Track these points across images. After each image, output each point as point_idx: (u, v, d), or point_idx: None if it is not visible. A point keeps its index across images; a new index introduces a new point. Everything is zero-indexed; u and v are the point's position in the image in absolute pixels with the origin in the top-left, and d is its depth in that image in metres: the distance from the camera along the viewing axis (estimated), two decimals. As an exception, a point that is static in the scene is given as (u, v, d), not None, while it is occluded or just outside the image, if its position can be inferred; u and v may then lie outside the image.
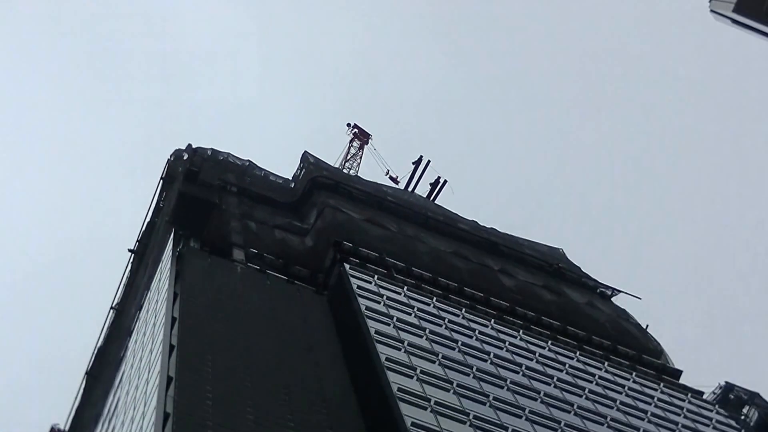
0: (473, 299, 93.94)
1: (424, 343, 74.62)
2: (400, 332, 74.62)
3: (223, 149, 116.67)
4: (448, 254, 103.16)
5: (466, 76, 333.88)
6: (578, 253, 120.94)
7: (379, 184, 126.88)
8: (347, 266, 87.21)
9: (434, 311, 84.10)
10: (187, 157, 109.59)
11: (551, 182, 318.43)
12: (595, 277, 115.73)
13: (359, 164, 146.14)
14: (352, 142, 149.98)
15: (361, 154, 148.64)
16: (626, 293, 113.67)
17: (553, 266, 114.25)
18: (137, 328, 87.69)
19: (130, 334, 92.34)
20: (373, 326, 73.66)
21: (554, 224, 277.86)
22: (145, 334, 79.21)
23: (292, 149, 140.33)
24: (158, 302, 78.10)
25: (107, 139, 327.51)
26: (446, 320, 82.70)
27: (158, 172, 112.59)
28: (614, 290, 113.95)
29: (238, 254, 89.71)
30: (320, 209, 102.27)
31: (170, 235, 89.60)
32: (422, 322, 79.55)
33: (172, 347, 65.24)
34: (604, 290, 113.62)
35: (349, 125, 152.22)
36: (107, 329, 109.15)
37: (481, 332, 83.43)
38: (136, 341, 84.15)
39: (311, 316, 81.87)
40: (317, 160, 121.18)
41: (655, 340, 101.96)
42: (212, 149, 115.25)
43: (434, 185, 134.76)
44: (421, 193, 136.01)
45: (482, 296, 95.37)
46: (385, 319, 76.42)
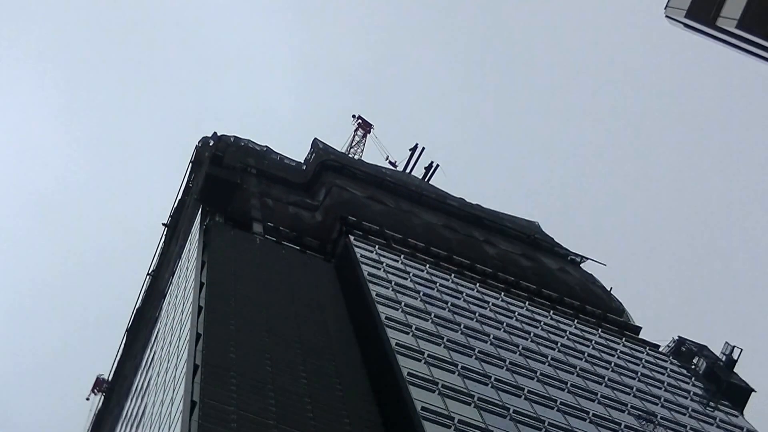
0: (461, 266, 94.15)
1: (418, 304, 74.81)
2: (398, 294, 74.80)
3: (244, 137, 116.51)
4: (439, 227, 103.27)
5: (455, 74, 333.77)
6: (551, 225, 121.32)
7: (379, 167, 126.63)
8: (352, 238, 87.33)
9: (427, 276, 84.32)
10: (212, 143, 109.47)
11: (529, 165, 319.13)
12: (566, 246, 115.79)
13: (362, 150, 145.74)
14: (356, 131, 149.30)
15: (364, 141, 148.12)
16: (593, 260, 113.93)
17: (529, 237, 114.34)
18: (170, 291, 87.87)
19: (164, 296, 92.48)
20: (374, 289, 73.81)
21: (531, 201, 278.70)
22: (177, 296, 79.43)
23: (304, 136, 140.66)
24: (188, 269, 78.27)
25: (146, 128, 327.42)
26: (438, 284, 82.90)
27: (188, 156, 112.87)
28: (582, 257, 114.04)
29: (257, 227, 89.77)
30: (328, 188, 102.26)
31: (198, 211, 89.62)
32: (417, 285, 79.73)
33: (200, 308, 65.47)
34: (573, 257, 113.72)
35: (354, 116, 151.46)
36: (144, 293, 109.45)
37: (467, 294, 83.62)
38: (169, 303, 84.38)
39: (321, 281, 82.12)
40: (326, 146, 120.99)
41: (617, 300, 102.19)
42: (234, 136, 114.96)
43: (428, 168, 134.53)
44: (416, 175, 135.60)
45: (468, 263, 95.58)
46: (384, 283, 76.60)
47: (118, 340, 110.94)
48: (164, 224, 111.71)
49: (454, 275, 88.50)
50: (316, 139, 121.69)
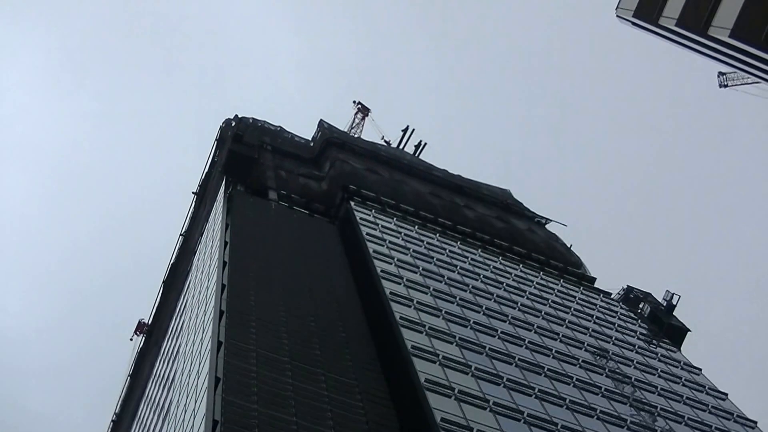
0: (444, 227, 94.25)
1: (409, 259, 75.02)
2: (391, 251, 75.01)
3: (260, 118, 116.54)
4: (426, 194, 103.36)
5: (441, 66, 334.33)
6: (521, 192, 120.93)
7: (376, 143, 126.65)
8: (352, 203, 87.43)
9: (416, 235, 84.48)
10: (234, 124, 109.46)
11: (503, 142, 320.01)
12: (533, 210, 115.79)
13: (362, 130, 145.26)
14: (356, 114, 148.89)
15: (363, 123, 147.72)
16: (556, 221, 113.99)
17: (502, 202, 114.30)
18: (199, 249, 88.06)
19: (194, 253, 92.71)
20: (371, 246, 74.01)
21: (504, 172, 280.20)
22: (204, 253, 79.63)
23: (311, 118, 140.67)
24: (214, 231, 78.45)
25: (180, 113, 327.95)
26: (425, 242, 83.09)
27: (213, 135, 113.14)
28: (547, 219, 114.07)
29: (272, 195, 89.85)
30: (332, 162, 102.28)
31: (222, 181, 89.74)
32: (407, 243, 79.89)
33: (224, 263, 65.68)
34: (539, 219, 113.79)
35: (354, 102, 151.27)
36: (177, 250, 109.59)
37: (450, 251, 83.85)
38: (198, 258, 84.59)
39: (326, 240, 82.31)
40: (330, 126, 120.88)
41: (576, 255, 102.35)
42: (253, 118, 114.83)
43: (417, 146, 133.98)
44: (407, 151, 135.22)
45: (451, 224, 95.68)
46: (380, 241, 76.76)
47: (156, 289, 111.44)
48: (194, 192, 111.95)
49: (438, 235, 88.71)
50: (322, 120, 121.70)
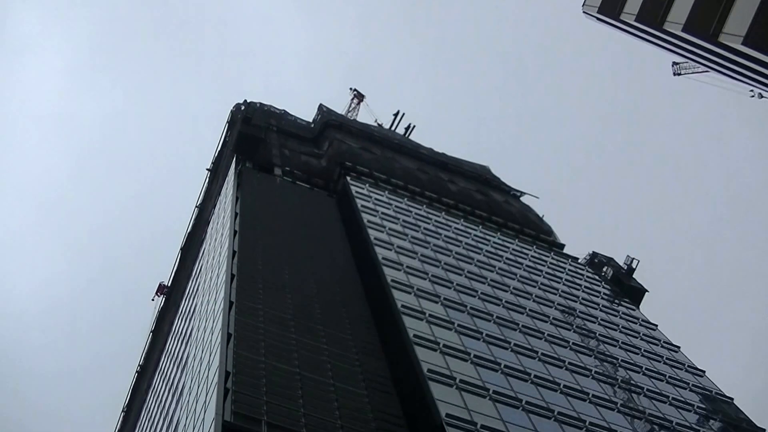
0: (430, 199, 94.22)
1: (399, 228, 75.05)
2: (383, 221, 75.03)
3: (267, 103, 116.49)
4: (414, 170, 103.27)
5: (428, 58, 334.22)
6: (499, 168, 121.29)
7: (369, 125, 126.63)
8: (348, 178, 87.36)
9: (406, 207, 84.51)
10: (243, 108, 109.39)
11: (483, 124, 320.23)
12: (509, 184, 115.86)
13: (357, 114, 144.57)
14: (352, 99, 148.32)
15: (358, 107, 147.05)
16: (529, 194, 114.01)
17: (482, 177, 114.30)
18: (212, 220, 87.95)
19: (208, 223, 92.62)
20: (366, 217, 74.06)
21: (484, 150, 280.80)
22: (217, 223, 79.55)
23: (312, 103, 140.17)
24: (225, 203, 78.33)
25: (197, 99, 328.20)
26: (413, 213, 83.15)
27: (225, 118, 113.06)
28: (522, 192, 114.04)
29: (277, 171, 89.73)
30: (331, 141, 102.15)
31: (233, 159, 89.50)
32: (398, 214, 79.95)
33: (235, 232, 65.60)
34: (515, 193, 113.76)
35: (351, 89, 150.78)
36: (193, 221, 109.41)
37: (436, 220, 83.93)
38: (212, 228, 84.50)
39: (325, 211, 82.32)
40: (329, 110, 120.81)
41: (548, 224, 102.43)
42: (260, 103, 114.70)
43: (407, 128, 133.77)
44: (398, 132, 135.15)
45: (436, 197, 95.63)
46: (373, 212, 76.77)
47: (174, 255, 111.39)
48: (208, 169, 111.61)
49: (425, 206, 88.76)
50: (321, 104, 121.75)
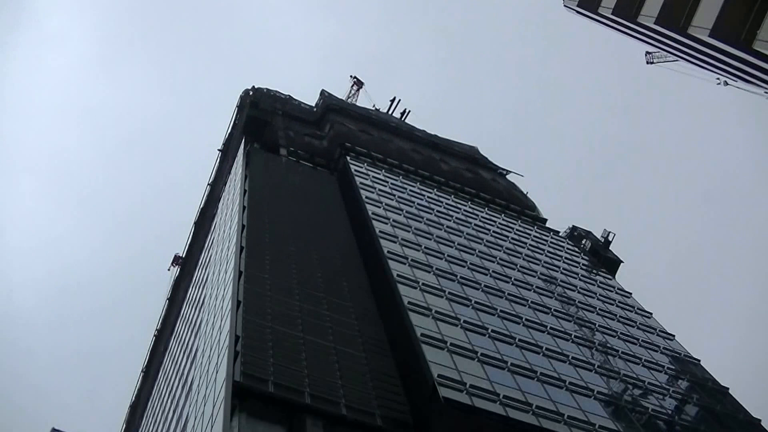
0: (423, 177, 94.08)
1: (395, 204, 75.01)
2: (380, 197, 75.03)
3: (273, 88, 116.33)
4: (408, 150, 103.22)
5: (422, 49, 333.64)
6: (487, 149, 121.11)
7: (368, 109, 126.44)
8: (348, 158, 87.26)
9: (401, 184, 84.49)
10: (251, 93, 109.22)
11: (472, 108, 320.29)
12: (496, 163, 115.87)
13: (357, 100, 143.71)
14: (352, 86, 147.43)
15: (358, 94, 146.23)
16: (515, 173, 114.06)
17: (471, 157, 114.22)
18: (223, 197, 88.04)
19: (219, 199, 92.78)
20: (364, 194, 74.03)
21: (473, 132, 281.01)
22: (227, 200, 79.66)
23: (315, 89, 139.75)
24: (235, 181, 78.41)
25: (210, 85, 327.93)
26: (408, 189, 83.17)
27: (234, 103, 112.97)
28: (508, 171, 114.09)
29: (283, 152, 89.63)
30: (332, 124, 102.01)
31: (242, 140, 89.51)
32: (394, 191, 79.97)
33: (244, 208, 65.72)
34: (502, 171, 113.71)
35: (351, 76, 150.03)
36: (206, 197, 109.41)
37: (428, 197, 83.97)
38: (222, 204, 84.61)
39: (327, 188, 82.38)
40: (330, 95, 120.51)
41: (531, 200, 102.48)
42: (267, 88, 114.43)
43: (402, 113, 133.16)
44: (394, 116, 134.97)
45: (428, 175, 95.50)
46: (371, 189, 76.74)
47: (188, 229, 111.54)
48: (219, 150, 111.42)
49: (419, 183, 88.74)
50: (323, 90, 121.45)
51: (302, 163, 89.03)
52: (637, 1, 32.71)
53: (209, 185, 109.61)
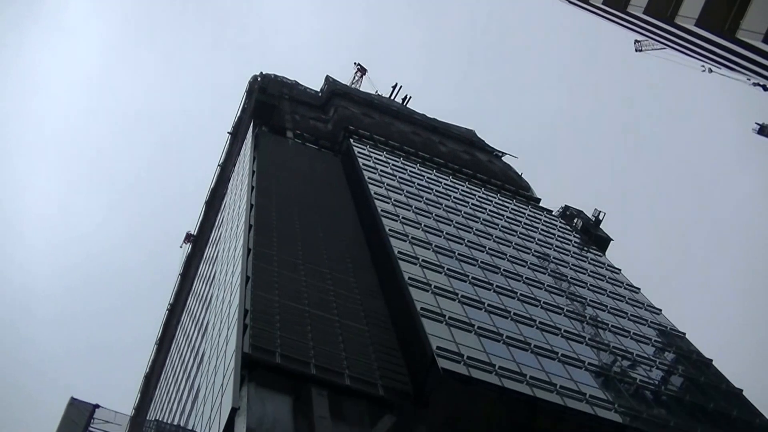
0: (423, 158, 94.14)
1: (395, 184, 75.10)
2: (382, 177, 75.14)
3: (280, 74, 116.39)
4: (409, 133, 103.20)
5: (423, 37, 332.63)
6: (483, 132, 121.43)
7: (370, 94, 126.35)
8: (352, 140, 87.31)
9: (402, 166, 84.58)
10: (260, 79, 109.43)
11: (469, 93, 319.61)
12: (492, 145, 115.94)
13: (360, 85, 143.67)
14: (356, 72, 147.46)
15: (361, 80, 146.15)
16: (510, 155, 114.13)
17: (468, 139, 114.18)
18: (232, 177, 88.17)
19: (229, 180, 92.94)
20: (366, 174, 74.11)
21: (470, 116, 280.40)
22: (236, 180, 79.82)
23: (321, 75, 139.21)
24: (244, 162, 78.51)
25: (221, 72, 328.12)
26: (408, 170, 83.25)
27: (243, 88, 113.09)
28: (503, 153, 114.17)
29: (289, 134, 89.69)
30: (336, 108, 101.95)
31: (251, 124, 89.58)
32: (395, 171, 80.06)
33: (252, 187, 65.80)
34: (497, 153, 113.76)
35: (355, 63, 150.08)
36: (216, 178, 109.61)
37: (428, 177, 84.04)
38: (232, 184, 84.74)
39: (331, 168, 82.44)
40: (335, 81, 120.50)
41: (526, 181, 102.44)
42: (274, 74, 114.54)
43: (403, 99, 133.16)
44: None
45: (428, 156, 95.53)
46: (373, 170, 76.82)
47: (200, 207, 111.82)
48: (229, 132, 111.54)
49: (418, 165, 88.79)
50: (328, 76, 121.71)
51: (308, 145, 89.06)
52: (627, -8, 32.79)
53: (219, 166, 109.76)
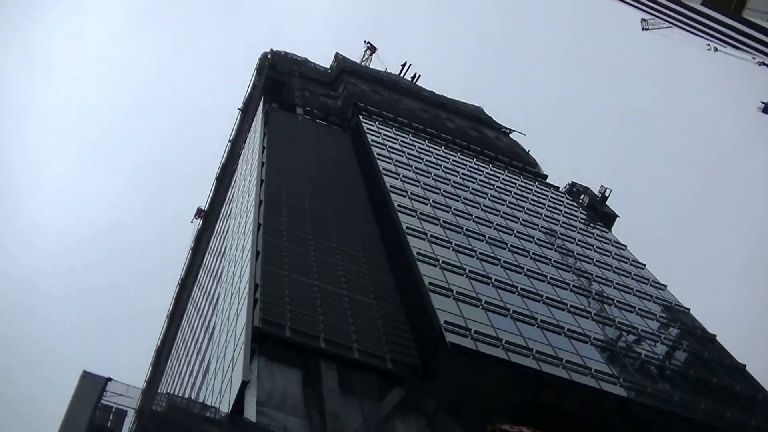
0: (431, 135, 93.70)
1: (404, 160, 74.88)
2: (391, 154, 74.94)
3: (290, 51, 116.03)
4: (417, 110, 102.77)
5: (431, 17, 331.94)
6: (491, 108, 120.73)
7: (379, 71, 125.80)
8: (361, 117, 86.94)
9: (410, 142, 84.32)
10: (270, 56, 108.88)
11: (478, 70, 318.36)
12: (500, 122, 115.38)
13: (369, 64, 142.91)
14: (366, 50, 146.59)
15: (371, 58, 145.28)
16: (517, 131, 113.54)
17: (476, 116, 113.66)
18: (243, 153, 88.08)
19: (239, 156, 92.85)
20: (375, 150, 73.91)
21: (478, 92, 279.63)
22: (247, 156, 79.75)
23: (331, 52, 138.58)
24: (254, 138, 78.41)
25: (233, 49, 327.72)
26: (417, 147, 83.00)
27: (254, 65, 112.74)
28: (511, 130, 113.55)
29: (299, 111, 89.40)
30: (345, 85, 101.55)
31: (261, 100, 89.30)
32: (404, 148, 79.82)
33: (262, 164, 65.76)
34: (505, 130, 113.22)
35: (365, 41, 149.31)
36: (227, 153, 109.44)
37: (436, 154, 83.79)
38: (243, 160, 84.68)
39: (340, 144, 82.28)
40: (345, 58, 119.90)
41: (533, 157, 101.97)
42: (285, 51, 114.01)
43: (412, 77, 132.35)
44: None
45: (436, 133, 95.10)
46: (382, 146, 76.59)
47: (211, 183, 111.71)
48: (239, 109, 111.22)
49: (426, 141, 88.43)
50: (338, 53, 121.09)
51: (317, 121, 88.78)
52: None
53: (230, 142, 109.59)
